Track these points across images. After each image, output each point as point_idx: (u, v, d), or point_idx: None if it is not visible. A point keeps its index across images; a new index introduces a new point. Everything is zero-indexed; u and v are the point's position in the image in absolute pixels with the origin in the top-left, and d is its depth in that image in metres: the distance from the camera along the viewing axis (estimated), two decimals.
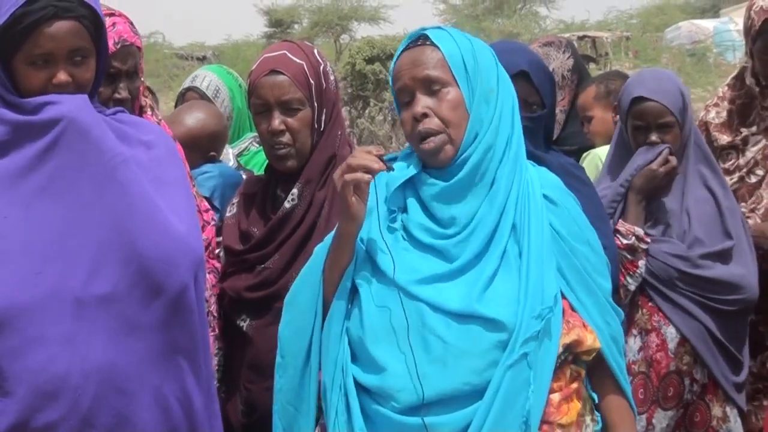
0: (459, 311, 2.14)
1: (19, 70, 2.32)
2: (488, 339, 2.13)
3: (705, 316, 3.19)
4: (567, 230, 2.27)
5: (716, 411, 3.26)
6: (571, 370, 2.24)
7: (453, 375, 2.13)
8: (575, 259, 2.25)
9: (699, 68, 22.36)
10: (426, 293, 2.17)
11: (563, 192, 2.34)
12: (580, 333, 2.22)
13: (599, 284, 2.28)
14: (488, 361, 2.13)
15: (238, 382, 2.81)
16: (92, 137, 2.30)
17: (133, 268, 2.29)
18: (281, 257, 2.73)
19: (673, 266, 3.19)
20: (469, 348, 2.13)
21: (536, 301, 2.16)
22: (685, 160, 3.27)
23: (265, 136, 2.77)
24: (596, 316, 2.25)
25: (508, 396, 2.11)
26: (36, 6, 2.28)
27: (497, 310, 2.14)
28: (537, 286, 2.17)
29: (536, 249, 2.20)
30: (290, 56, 2.77)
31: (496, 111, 2.24)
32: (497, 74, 2.28)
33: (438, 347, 2.14)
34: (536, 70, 2.94)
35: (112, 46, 2.70)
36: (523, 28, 31.09)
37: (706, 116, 3.63)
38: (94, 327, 2.26)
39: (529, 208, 2.23)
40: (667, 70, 3.63)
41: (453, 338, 2.13)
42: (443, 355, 2.13)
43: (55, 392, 2.22)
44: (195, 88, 4.26)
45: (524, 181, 2.26)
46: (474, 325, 2.13)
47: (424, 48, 2.23)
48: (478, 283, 2.16)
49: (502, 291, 2.17)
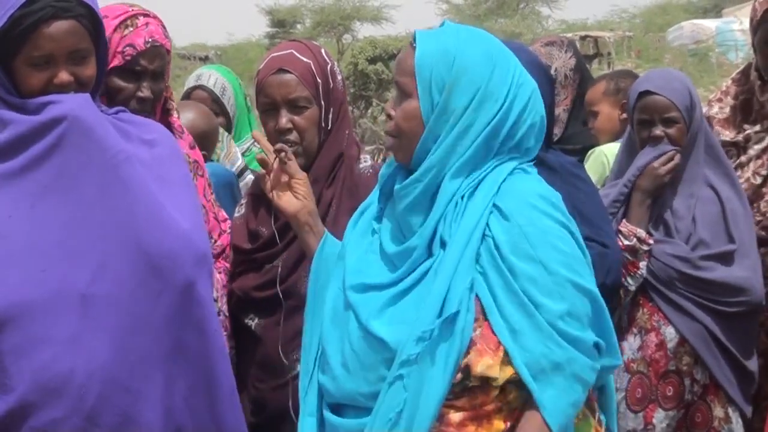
0: (363, 324, 2.20)
1: (19, 71, 2.33)
2: (376, 356, 2.18)
3: (706, 318, 3.19)
4: (511, 247, 2.13)
5: (718, 412, 3.25)
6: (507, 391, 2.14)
7: (352, 382, 2.20)
8: (512, 278, 2.12)
9: (701, 68, 22.32)
10: (355, 300, 2.23)
11: (525, 205, 2.17)
12: (474, 358, 2.11)
13: (542, 306, 2.11)
14: (377, 375, 2.17)
15: (246, 381, 2.82)
16: (95, 135, 2.31)
17: (137, 265, 2.29)
18: (289, 256, 2.73)
19: (673, 267, 3.18)
20: (364, 360, 2.19)
21: (428, 320, 2.11)
22: (692, 161, 3.25)
23: (273, 135, 2.77)
24: (529, 339, 2.10)
25: (385, 415, 2.13)
26: (34, 7, 2.28)
27: (387, 330, 2.16)
28: (434, 304, 2.12)
29: (447, 262, 2.13)
30: (297, 55, 2.77)
31: (455, 131, 2.17)
32: (478, 88, 2.18)
33: (348, 354, 2.21)
34: (532, 70, 2.92)
35: (142, 45, 2.73)
36: (525, 27, 31.08)
37: (709, 111, 3.61)
38: (99, 325, 2.26)
39: (460, 218, 2.17)
40: (678, 71, 3.62)
41: (358, 348, 2.20)
42: (350, 362, 2.21)
43: (59, 390, 2.22)
44: (203, 86, 4.26)
45: (469, 189, 2.19)
46: (370, 340, 2.18)
47: (409, 51, 2.23)
48: (384, 298, 2.20)
49: (405, 308, 2.18)
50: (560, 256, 2.14)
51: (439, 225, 2.18)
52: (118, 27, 2.73)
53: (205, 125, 3.61)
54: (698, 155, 3.25)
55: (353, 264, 2.28)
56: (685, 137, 3.22)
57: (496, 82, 2.19)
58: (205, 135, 3.59)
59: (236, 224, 2.91)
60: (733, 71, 4.10)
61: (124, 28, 2.74)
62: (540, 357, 2.10)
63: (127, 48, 2.73)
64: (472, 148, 2.18)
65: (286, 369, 2.71)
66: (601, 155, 3.71)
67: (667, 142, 3.22)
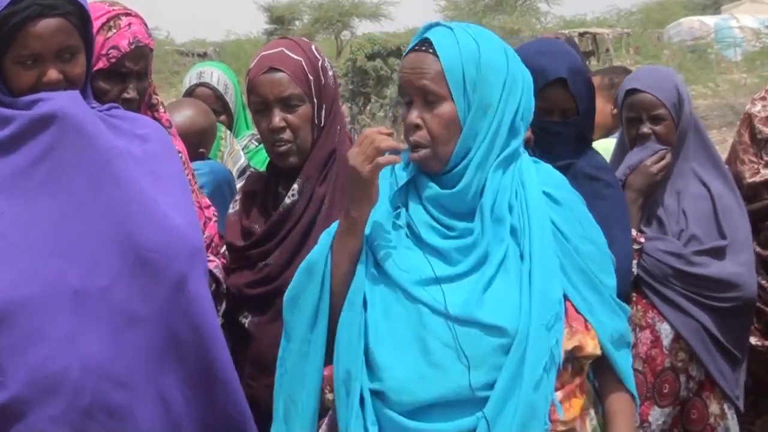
0: (458, 316, 2.14)
1: (8, 70, 2.33)
2: (488, 343, 2.14)
3: (700, 313, 3.19)
4: (570, 229, 2.26)
5: (713, 408, 3.25)
6: (573, 365, 2.25)
7: (454, 379, 2.13)
8: (579, 259, 2.25)
9: (700, 65, 22.36)
10: (426, 295, 2.17)
11: (567, 190, 2.33)
12: (582, 339, 2.22)
13: (604, 282, 2.28)
14: (489, 365, 2.13)
15: (241, 379, 2.81)
16: (86, 132, 2.31)
17: (130, 260, 2.29)
18: (282, 253, 2.73)
19: (667, 263, 3.18)
20: (470, 352, 2.13)
21: (542, 305, 2.16)
22: (682, 157, 3.26)
23: (266, 134, 2.77)
24: (601, 314, 2.25)
25: (517, 401, 2.12)
26: (21, 5, 2.28)
27: (497, 315, 2.15)
28: (542, 290, 2.17)
29: (539, 251, 2.20)
30: (288, 53, 2.76)
31: (493, 124, 2.22)
32: (505, 79, 2.24)
33: (438, 350, 2.14)
34: (575, 76, 2.94)
35: (126, 46, 2.72)
36: (524, 24, 31.08)
37: (752, 108, 3.62)
38: (94, 321, 2.26)
39: (528, 208, 2.23)
40: (667, 68, 3.63)
41: (454, 342, 2.13)
42: (444, 359, 2.13)
43: (55, 387, 2.23)
44: (207, 84, 4.25)
45: (518, 181, 2.25)
46: (474, 329, 2.14)
47: (426, 56, 2.21)
48: (478, 288, 2.17)
49: (502, 295, 2.17)
50: (599, 233, 2.32)
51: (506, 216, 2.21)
52: (101, 29, 2.72)
53: (204, 122, 3.61)
54: (687, 151, 3.26)
55: (400, 262, 2.21)
56: (673, 134, 3.22)
57: (512, 69, 2.26)
58: (204, 132, 3.59)
59: (230, 221, 2.91)
60: (731, 68, 4.10)
61: (107, 30, 2.73)
62: (612, 330, 2.27)
63: (111, 50, 2.72)
64: (505, 137, 2.24)
65: None
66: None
67: (654, 140, 3.22)
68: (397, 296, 2.19)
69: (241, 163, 3.97)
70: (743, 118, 3.66)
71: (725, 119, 17.17)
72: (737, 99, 17.99)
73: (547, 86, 2.91)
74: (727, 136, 13.76)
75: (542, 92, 2.86)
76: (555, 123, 2.97)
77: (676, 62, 21.90)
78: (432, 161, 2.22)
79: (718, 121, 17.31)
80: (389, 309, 2.19)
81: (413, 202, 2.28)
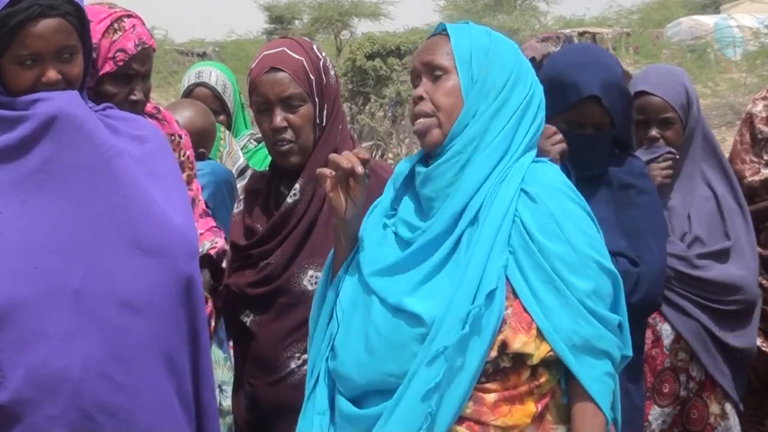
0: (392, 304, 2.20)
1: (7, 70, 2.33)
2: (408, 333, 2.18)
3: (702, 315, 3.19)
4: (539, 226, 2.20)
5: (714, 408, 3.25)
6: (532, 372, 2.19)
7: (379, 364, 2.20)
8: (542, 258, 2.18)
9: (699, 64, 22.32)
10: (377, 285, 2.24)
11: (550, 189, 2.26)
12: (510, 335, 2.15)
13: (571, 284, 2.18)
14: (408, 353, 2.17)
15: (242, 377, 2.82)
16: (86, 131, 2.32)
17: (130, 260, 2.30)
18: (283, 252, 2.73)
19: (670, 266, 3.17)
20: (394, 339, 2.19)
21: (466, 297, 2.15)
22: (689, 158, 3.25)
23: (268, 134, 2.77)
24: (561, 317, 2.17)
25: (417, 390, 2.14)
26: (21, 6, 2.28)
27: (422, 305, 2.17)
28: (471, 281, 2.16)
29: (483, 242, 2.19)
30: (289, 53, 2.77)
31: (493, 105, 2.25)
32: (512, 71, 2.28)
33: (373, 337, 2.21)
34: (609, 92, 2.86)
35: (133, 48, 2.74)
36: (523, 23, 31.06)
37: (753, 108, 3.62)
38: (94, 320, 2.26)
39: (493, 199, 2.22)
40: (676, 67, 3.61)
41: (384, 329, 2.20)
42: (375, 345, 2.20)
43: (54, 386, 2.23)
44: (205, 84, 4.25)
45: (502, 175, 2.25)
46: (400, 318, 2.19)
47: (438, 38, 2.32)
48: (418, 276, 2.21)
49: (439, 285, 2.20)
50: (585, 237, 2.23)
51: (469, 205, 2.22)
52: (106, 32, 2.72)
53: (203, 122, 3.62)
54: (695, 151, 3.25)
55: (370, 254, 2.30)
56: (681, 137, 3.21)
57: (523, 69, 2.31)
58: (203, 132, 3.59)
59: (234, 220, 2.92)
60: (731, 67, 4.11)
61: (113, 33, 2.73)
62: (571, 333, 2.17)
63: (118, 53, 2.73)
64: (507, 127, 2.25)
65: (281, 366, 2.71)
66: None
67: (663, 143, 3.21)
68: (360, 286, 2.28)
69: (240, 163, 3.98)
70: (744, 118, 3.66)
71: (724, 118, 17.17)
72: (736, 98, 17.98)
73: (581, 101, 2.86)
74: (727, 135, 13.76)
75: (575, 107, 2.86)
76: (587, 136, 2.89)
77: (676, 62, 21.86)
78: (433, 130, 2.26)
79: (717, 120, 17.30)
80: (354, 298, 2.28)
81: (406, 200, 2.32)
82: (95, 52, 2.69)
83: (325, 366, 2.32)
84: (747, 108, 3.71)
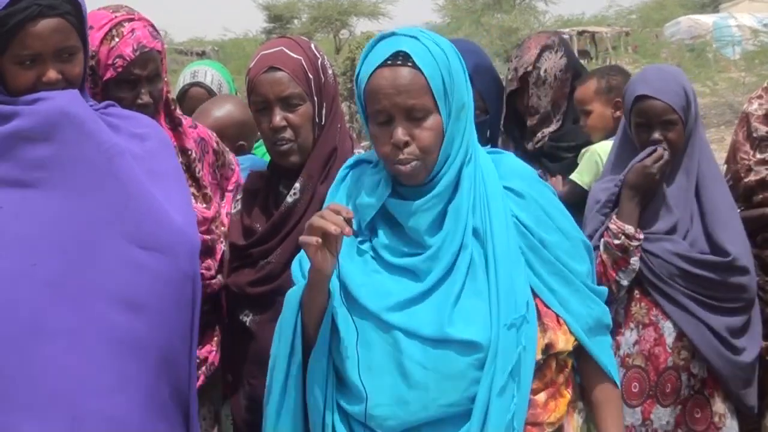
0: (432, 336, 2.14)
1: (7, 70, 2.34)
2: (464, 361, 2.14)
3: (705, 313, 3.19)
4: (535, 222, 2.25)
5: (717, 407, 3.25)
6: (557, 362, 2.26)
7: (436, 399, 2.14)
8: (546, 251, 2.24)
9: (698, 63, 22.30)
10: (398, 320, 2.17)
11: (529, 180, 2.30)
12: (553, 336, 2.22)
13: (574, 270, 2.27)
14: (468, 380, 2.14)
15: (242, 377, 2.82)
16: (86, 130, 2.32)
17: (131, 258, 2.30)
18: (283, 252, 2.73)
19: (674, 264, 3.18)
20: (449, 371, 2.14)
21: (509, 310, 2.16)
22: (689, 157, 3.25)
23: (267, 133, 2.77)
24: (574, 304, 2.25)
25: (496, 413, 2.12)
26: (21, 5, 2.28)
27: (469, 330, 2.14)
28: (508, 294, 2.17)
29: (502, 252, 2.18)
30: (288, 52, 2.76)
31: (467, 123, 2.24)
32: (465, 76, 2.25)
33: (416, 372, 2.14)
34: (481, 75, 2.85)
35: (131, 54, 2.74)
36: (522, 23, 31.07)
37: (749, 107, 3.62)
38: (93, 319, 2.26)
39: (489, 207, 2.21)
40: (673, 67, 3.60)
41: (429, 362, 2.14)
42: (421, 380, 2.14)
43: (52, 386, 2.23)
44: (200, 83, 4.25)
45: (479, 179, 2.24)
46: (448, 349, 2.14)
47: (405, 70, 2.16)
48: (447, 303, 2.16)
49: (472, 306, 2.17)
50: (568, 219, 2.31)
51: (469, 218, 2.21)
52: (104, 39, 2.72)
53: (243, 115, 3.61)
54: (693, 149, 3.25)
55: (365, 290, 2.21)
56: (683, 137, 3.22)
57: (463, 65, 2.26)
58: (242, 125, 3.58)
59: (232, 220, 2.92)
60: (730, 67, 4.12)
61: (110, 39, 2.73)
62: (586, 317, 2.27)
63: (116, 60, 2.73)
64: (467, 129, 2.24)
65: None
66: (595, 155, 3.71)
67: (665, 145, 3.22)
68: (370, 324, 2.19)
69: None
70: (741, 117, 3.67)
71: (723, 117, 17.17)
72: (736, 97, 17.97)
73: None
74: (726, 134, 13.77)
75: None
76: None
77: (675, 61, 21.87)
78: (420, 174, 2.21)
79: (716, 119, 17.30)
80: (365, 337, 2.18)
81: (381, 225, 2.27)
82: (94, 60, 2.69)
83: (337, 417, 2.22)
84: (743, 107, 3.71)
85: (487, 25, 29.93)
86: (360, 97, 2.23)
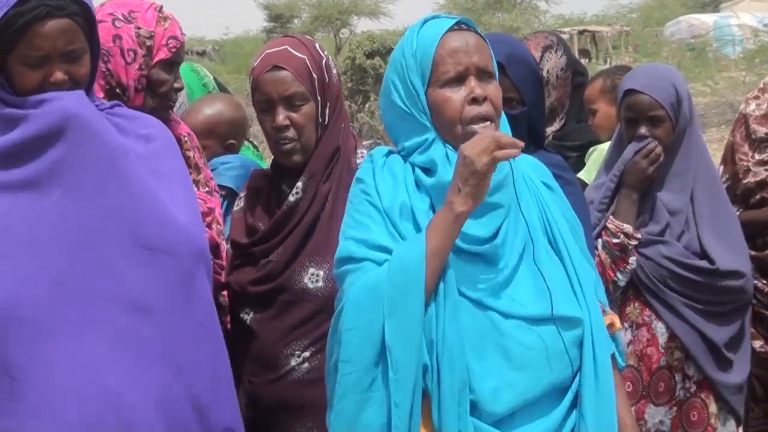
0: (534, 315, 2.15)
1: (14, 70, 2.33)
2: (567, 337, 2.17)
3: (696, 317, 3.17)
4: (566, 213, 2.35)
5: (713, 409, 3.24)
6: None
7: (541, 379, 2.14)
8: (579, 240, 2.34)
9: (698, 62, 22.35)
10: (494, 301, 2.15)
11: (548, 174, 2.40)
12: (611, 317, 2.37)
13: (589, 257, 2.38)
14: (569, 358, 2.17)
15: (242, 375, 2.82)
16: (93, 131, 2.32)
17: (136, 259, 2.30)
18: (285, 250, 2.73)
19: (667, 268, 3.17)
20: (554, 349, 2.15)
21: (589, 291, 2.25)
22: (681, 156, 3.24)
23: (270, 132, 2.77)
24: (599, 290, 2.35)
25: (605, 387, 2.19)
26: (28, 6, 2.28)
27: (570, 308, 2.18)
28: (584, 275, 2.26)
29: (567, 239, 2.28)
30: (292, 51, 2.76)
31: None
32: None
33: (520, 354, 2.13)
34: (515, 64, 2.80)
35: (181, 36, 2.82)
36: (523, 22, 31.09)
37: (746, 108, 3.62)
38: (100, 320, 2.27)
39: (543, 199, 2.30)
40: (667, 65, 3.62)
41: (535, 342, 2.14)
42: (527, 361, 2.13)
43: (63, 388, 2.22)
44: None
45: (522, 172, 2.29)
46: (551, 326, 2.15)
47: (476, 35, 2.26)
48: (540, 283, 2.17)
49: (560, 284, 2.20)
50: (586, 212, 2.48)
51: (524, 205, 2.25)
52: (159, 20, 2.76)
53: (233, 114, 3.59)
54: (688, 150, 3.24)
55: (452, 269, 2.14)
56: (671, 135, 3.20)
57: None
58: (233, 122, 3.57)
59: (235, 218, 2.92)
60: (730, 66, 4.12)
61: (164, 21, 2.78)
62: (602, 299, 2.36)
63: (171, 40, 2.78)
64: None
65: (281, 363, 2.71)
66: (602, 154, 3.71)
67: (651, 140, 3.21)
68: (465, 307, 2.13)
69: None
70: (738, 117, 3.67)
71: (724, 117, 17.18)
72: (736, 97, 17.98)
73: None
74: (726, 134, 13.72)
75: None
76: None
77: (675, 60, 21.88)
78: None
79: (716, 119, 17.32)
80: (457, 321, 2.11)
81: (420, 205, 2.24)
82: (151, 39, 2.73)
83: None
84: (740, 108, 3.71)
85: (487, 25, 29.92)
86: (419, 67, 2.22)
